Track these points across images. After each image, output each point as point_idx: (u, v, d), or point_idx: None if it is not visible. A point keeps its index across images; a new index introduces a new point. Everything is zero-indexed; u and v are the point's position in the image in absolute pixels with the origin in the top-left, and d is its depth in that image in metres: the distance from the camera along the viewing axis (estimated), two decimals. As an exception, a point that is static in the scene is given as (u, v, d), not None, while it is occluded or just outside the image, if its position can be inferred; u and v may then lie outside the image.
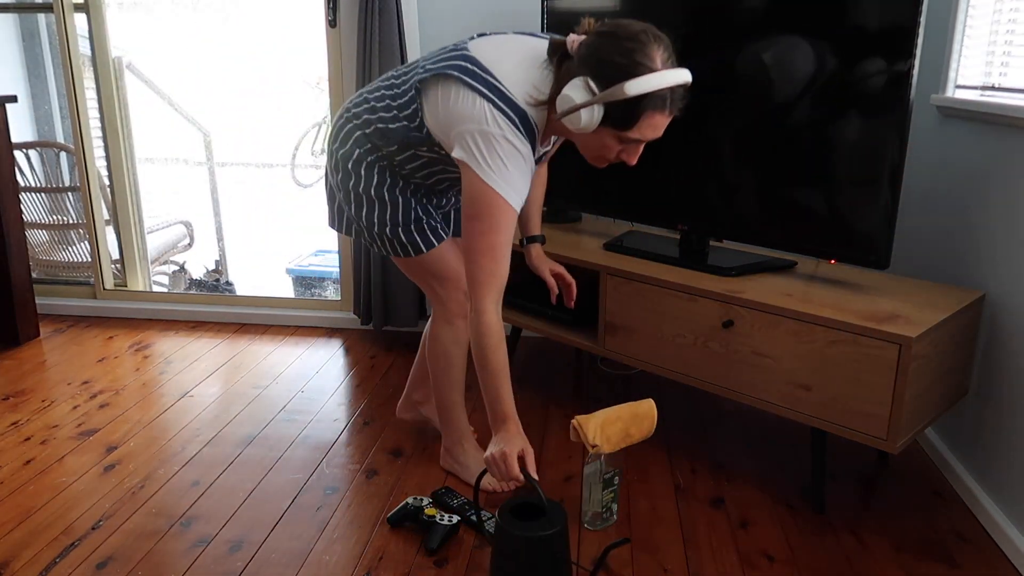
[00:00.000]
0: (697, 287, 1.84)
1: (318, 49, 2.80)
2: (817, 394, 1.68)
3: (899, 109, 1.62)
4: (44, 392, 2.41)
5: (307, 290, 4.06)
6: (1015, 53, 1.76)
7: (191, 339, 2.87)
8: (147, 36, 5.01)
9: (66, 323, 3.03)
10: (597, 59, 1.34)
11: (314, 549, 1.65)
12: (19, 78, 3.72)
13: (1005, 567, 1.59)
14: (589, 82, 1.33)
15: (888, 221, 1.69)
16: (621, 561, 1.61)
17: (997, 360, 1.74)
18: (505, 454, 1.45)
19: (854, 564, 1.59)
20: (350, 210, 1.72)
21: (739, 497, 1.84)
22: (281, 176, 5.89)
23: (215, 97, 5.44)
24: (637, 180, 2.14)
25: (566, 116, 1.38)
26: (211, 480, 1.91)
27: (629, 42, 1.32)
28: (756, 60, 1.83)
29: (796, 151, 1.81)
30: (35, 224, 3.23)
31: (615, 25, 1.36)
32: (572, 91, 1.35)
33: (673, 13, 1.96)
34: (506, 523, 1.38)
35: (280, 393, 2.41)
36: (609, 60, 1.32)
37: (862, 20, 1.65)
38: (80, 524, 1.72)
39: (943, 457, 1.95)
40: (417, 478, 1.92)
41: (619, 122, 1.36)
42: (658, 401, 2.36)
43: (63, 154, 3.17)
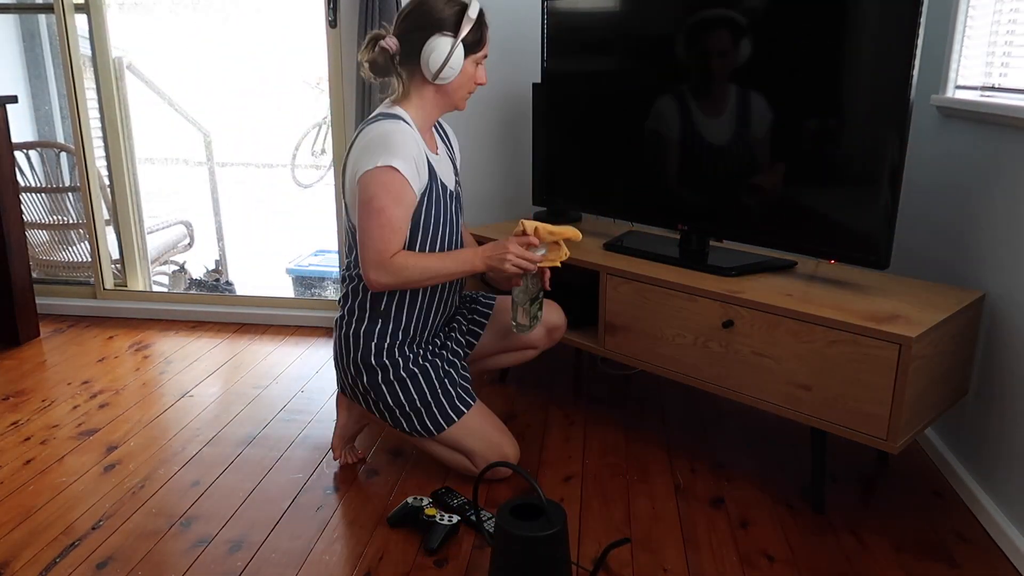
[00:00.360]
0: (697, 287, 1.84)
1: (318, 49, 2.80)
2: (817, 394, 1.68)
3: (899, 109, 1.62)
4: (44, 392, 2.41)
5: (307, 290, 4.05)
6: (1015, 53, 1.76)
7: (191, 339, 2.87)
8: (147, 36, 5.01)
9: (66, 323, 3.03)
10: (433, 19, 1.65)
11: (314, 549, 1.65)
12: (19, 78, 3.72)
13: (1005, 567, 1.59)
14: (442, 34, 1.64)
15: (888, 221, 1.69)
16: (621, 561, 1.61)
17: (997, 360, 1.74)
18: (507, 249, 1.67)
19: (854, 564, 1.59)
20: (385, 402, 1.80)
21: (739, 497, 1.84)
22: (281, 176, 5.89)
23: (215, 97, 5.44)
24: (637, 180, 2.14)
25: (441, 70, 1.66)
26: (211, 480, 1.91)
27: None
28: (756, 60, 1.83)
29: (796, 151, 1.81)
30: (35, 224, 3.23)
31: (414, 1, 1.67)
32: (435, 46, 1.64)
33: (673, 13, 1.96)
34: (506, 523, 1.38)
35: (280, 393, 2.41)
36: (442, 12, 1.65)
37: (862, 20, 1.65)
38: (80, 524, 1.72)
39: (943, 457, 1.95)
40: (417, 478, 1.92)
41: (475, 46, 1.70)
42: (658, 401, 2.36)
43: (63, 154, 3.17)
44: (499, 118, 2.73)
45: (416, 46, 1.66)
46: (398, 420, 1.80)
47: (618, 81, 2.12)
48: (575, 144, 2.28)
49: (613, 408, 2.31)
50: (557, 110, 2.29)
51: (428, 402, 1.78)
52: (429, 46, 1.65)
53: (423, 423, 1.79)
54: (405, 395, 1.77)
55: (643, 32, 2.04)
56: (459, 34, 1.65)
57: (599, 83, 2.17)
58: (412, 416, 1.78)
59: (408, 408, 1.78)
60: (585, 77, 2.20)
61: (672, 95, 2.01)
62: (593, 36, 2.15)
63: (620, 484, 1.89)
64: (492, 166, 2.79)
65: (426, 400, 1.78)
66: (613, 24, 2.09)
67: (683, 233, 2.10)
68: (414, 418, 1.79)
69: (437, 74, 1.67)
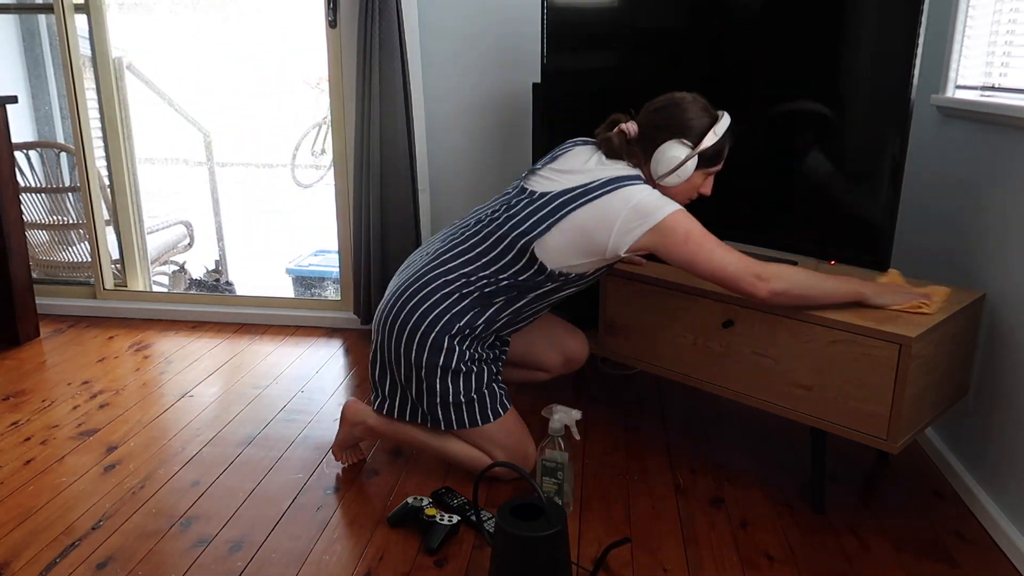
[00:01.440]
0: (697, 287, 1.84)
1: (318, 49, 2.81)
2: (817, 394, 1.68)
3: (899, 109, 1.62)
4: (44, 392, 2.41)
5: (307, 290, 4.06)
6: (1015, 53, 1.76)
7: (191, 339, 2.87)
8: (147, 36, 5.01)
9: (66, 323, 3.03)
10: (680, 124, 1.67)
11: (314, 549, 1.65)
12: (19, 78, 3.72)
13: (1005, 567, 1.59)
14: (682, 141, 1.67)
15: (888, 221, 1.69)
16: (621, 561, 1.61)
17: (997, 360, 1.74)
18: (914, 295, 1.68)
19: (854, 564, 1.59)
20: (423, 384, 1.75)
21: (739, 497, 1.84)
22: (281, 176, 5.89)
23: (215, 97, 5.44)
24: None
25: (667, 175, 1.69)
26: (211, 480, 1.91)
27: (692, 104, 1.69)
28: (756, 60, 1.83)
29: (796, 151, 1.81)
30: (35, 224, 3.23)
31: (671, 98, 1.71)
32: (670, 151, 1.67)
33: (673, 12, 1.96)
34: (506, 523, 1.38)
35: (280, 393, 2.41)
36: (691, 120, 1.67)
37: (863, 20, 1.65)
38: (80, 524, 1.73)
39: (943, 457, 1.95)
40: (417, 478, 1.92)
41: (710, 162, 1.71)
42: (658, 401, 2.36)
43: (63, 154, 3.17)
44: (499, 118, 2.73)
45: (654, 142, 1.69)
46: (435, 409, 1.76)
47: (618, 77, 2.12)
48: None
49: (613, 408, 2.31)
50: (557, 107, 2.29)
51: (472, 398, 1.76)
52: (665, 148, 1.67)
53: (460, 417, 1.76)
54: (455, 385, 1.74)
55: (643, 28, 2.04)
56: (698, 146, 1.67)
57: (599, 80, 2.17)
58: (452, 407, 1.75)
59: (452, 398, 1.75)
60: (585, 74, 2.20)
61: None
62: (593, 32, 2.15)
63: (620, 484, 1.89)
64: (491, 166, 2.79)
65: (471, 396, 1.76)
66: (614, 20, 2.09)
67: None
68: (453, 410, 1.76)
69: (663, 177, 1.69)
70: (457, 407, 1.76)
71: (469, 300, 1.72)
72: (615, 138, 1.71)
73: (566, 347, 2.04)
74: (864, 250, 1.74)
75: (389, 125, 2.59)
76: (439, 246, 1.79)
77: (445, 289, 1.73)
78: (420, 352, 1.72)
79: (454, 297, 1.72)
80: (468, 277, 1.73)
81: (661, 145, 1.68)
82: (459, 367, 1.73)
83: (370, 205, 2.66)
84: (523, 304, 1.76)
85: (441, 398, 1.75)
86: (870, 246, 1.72)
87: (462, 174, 2.81)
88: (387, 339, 1.77)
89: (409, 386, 1.78)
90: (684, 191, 1.74)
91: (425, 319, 1.72)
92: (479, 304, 1.73)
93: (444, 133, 2.77)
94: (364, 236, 2.71)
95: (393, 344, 1.76)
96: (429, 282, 1.74)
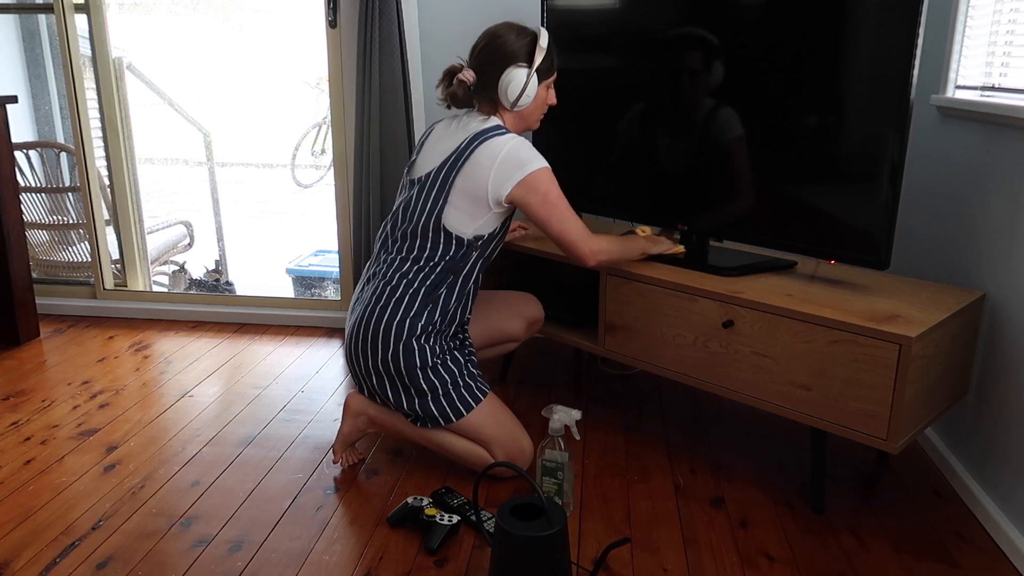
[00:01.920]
0: (697, 287, 1.84)
1: (318, 49, 2.80)
2: (817, 394, 1.68)
3: (899, 109, 1.62)
4: (44, 392, 2.41)
5: (307, 290, 4.06)
6: (1015, 53, 1.76)
7: (191, 339, 2.87)
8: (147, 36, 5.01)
9: (66, 323, 3.03)
10: (508, 52, 1.79)
11: (314, 549, 1.65)
12: (19, 78, 3.72)
13: (1005, 567, 1.59)
14: (517, 65, 1.79)
15: (888, 221, 1.69)
16: (621, 561, 1.61)
17: (997, 360, 1.74)
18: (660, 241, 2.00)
19: (854, 564, 1.60)
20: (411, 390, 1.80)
21: (739, 497, 1.84)
22: (281, 176, 5.89)
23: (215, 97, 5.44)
24: (637, 180, 2.14)
25: (519, 99, 1.81)
26: (211, 480, 1.91)
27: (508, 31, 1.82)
28: (757, 60, 1.83)
29: (796, 151, 1.81)
30: (35, 224, 3.23)
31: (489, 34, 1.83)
32: (511, 78, 1.79)
33: (672, 12, 1.96)
34: (506, 523, 1.38)
35: (280, 393, 2.41)
36: (515, 45, 1.80)
37: (863, 20, 1.65)
38: (80, 524, 1.73)
39: (943, 457, 1.95)
40: (417, 478, 1.92)
41: (547, 74, 1.85)
42: (658, 401, 2.36)
43: (63, 154, 3.17)
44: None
45: (493, 78, 1.80)
46: (428, 407, 1.79)
47: (618, 79, 2.12)
48: (574, 143, 2.28)
49: (613, 408, 2.31)
50: (556, 108, 2.29)
51: (451, 389, 1.80)
52: (506, 78, 1.79)
53: (445, 411, 1.79)
54: (439, 380, 1.79)
55: (643, 30, 2.04)
56: (533, 64, 1.80)
57: (599, 81, 2.17)
58: (441, 402, 1.79)
59: (440, 393, 1.79)
60: (585, 75, 2.20)
61: (672, 93, 2.01)
62: (593, 34, 2.15)
63: (620, 484, 1.89)
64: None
65: (455, 384, 1.80)
66: (613, 21, 2.09)
67: (683, 233, 2.10)
68: (442, 403, 1.79)
69: (515, 103, 1.81)
70: (447, 397, 1.79)
71: (419, 300, 1.79)
72: (458, 89, 1.82)
73: (524, 312, 2.13)
74: (864, 250, 1.74)
75: (389, 125, 2.59)
76: (375, 269, 1.88)
77: (395, 296, 1.79)
78: (397, 361, 1.77)
79: (405, 302, 1.79)
80: (407, 277, 1.81)
81: (501, 76, 1.79)
82: (434, 361, 1.79)
83: (370, 205, 2.66)
84: (462, 283, 1.84)
85: (431, 394, 1.79)
86: (870, 246, 1.72)
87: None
88: (365, 364, 1.82)
89: (398, 395, 1.81)
90: (536, 108, 1.88)
91: (391, 332, 1.77)
92: (429, 301, 1.80)
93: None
94: (364, 236, 2.71)
95: (371, 366, 1.81)
96: (380, 298, 1.80)
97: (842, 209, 1.76)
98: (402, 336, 1.77)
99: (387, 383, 1.81)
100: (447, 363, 1.81)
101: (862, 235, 1.73)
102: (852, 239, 1.75)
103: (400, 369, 1.77)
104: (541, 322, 2.18)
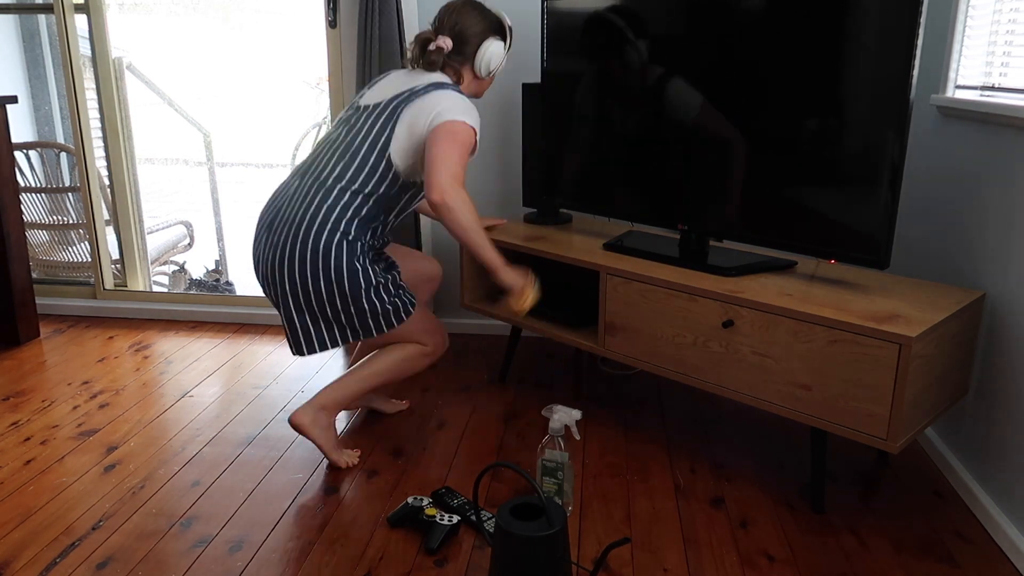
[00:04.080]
0: (697, 287, 1.84)
1: (318, 49, 2.80)
2: (817, 394, 1.68)
3: (899, 109, 1.62)
4: (44, 392, 2.41)
5: (307, 290, 4.05)
6: (1015, 53, 1.76)
7: (191, 339, 2.87)
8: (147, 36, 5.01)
9: (66, 323, 3.03)
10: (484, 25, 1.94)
11: (314, 549, 1.65)
12: (19, 78, 3.72)
13: (1005, 567, 1.59)
14: (495, 37, 1.96)
15: (888, 221, 1.69)
16: (621, 561, 1.61)
17: (997, 360, 1.74)
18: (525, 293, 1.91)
19: (854, 564, 1.60)
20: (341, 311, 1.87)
21: (739, 497, 1.84)
22: (281, 176, 5.89)
23: (215, 97, 5.44)
24: (637, 180, 2.14)
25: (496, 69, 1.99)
26: (211, 480, 1.91)
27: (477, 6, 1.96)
28: (756, 59, 1.83)
29: (796, 151, 1.81)
30: (35, 224, 3.23)
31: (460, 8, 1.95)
32: (491, 48, 1.95)
33: (672, 11, 1.96)
34: (506, 523, 1.38)
35: (280, 393, 2.41)
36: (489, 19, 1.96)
37: (863, 20, 1.65)
38: (80, 524, 1.73)
39: (943, 457, 1.95)
40: (417, 478, 1.92)
41: (509, 44, 2.02)
42: (658, 401, 2.36)
43: (63, 154, 3.17)
44: (495, 117, 2.73)
45: (472, 47, 1.94)
46: (366, 321, 1.88)
47: (617, 80, 2.12)
48: (574, 144, 2.28)
49: (613, 408, 2.31)
50: (556, 110, 2.29)
51: (394, 302, 1.91)
52: (486, 47, 1.94)
53: (389, 319, 1.91)
54: (379, 297, 1.88)
55: (642, 31, 2.03)
56: (507, 37, 1.98)
57: (598, 82, 2.17)
58: (380, 316, 1.89)
59: (379, 308, 1.88)
60: (584, 76, 2.20)
61: (672, 94, 2.01)
62: (594, 34, 2.15)
63: (620, 484, 1.89)
64: (483, 167, 2.79)
65: (393, 300, 1.91)
66: (612, 23, 2.09)
67: (683, 233, 2.10)
68: (382, 319, 1.89)
69: (493, 71, 1.99)
70: (384, 315, 1.89)
71: (356, 223, 1.85)
72: (434, 55, 1.92)
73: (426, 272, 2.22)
74: (864, 250, 1.74)
75: (389, 125, 2.59)
76: (300, 183, 1.91)
77: (331, 216, 1.83)
78: (341, 281, 1.83)
79: (343, 224, 1.84)
80: (341, 201, 1.85)
81: (481, 45, 1.94)
82: (377, 281, 1.87)
83: (370, 205, 2.66)
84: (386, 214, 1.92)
85: (371, 312, 1.87)
86: (870, 246, 1.72)
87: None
88: (299, 281, 1.84)
89: (336, 314, 1.87)
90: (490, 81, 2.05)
91: (330, 251, 1.82)
92: (362, 226, 1.87)
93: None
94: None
95: (311, 283, 1.83)
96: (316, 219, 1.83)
97: (842, 208, 1.76)
98: (342, 259, 1.83)
99: (326, 300, 1.85)
100: (387, 281, 1.90)
101: (862, 234, 1.73)
102: (852, 238, 1.75)
103: (345, 290, 1.83)
104: (439, 279, 2.25)
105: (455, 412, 2.28)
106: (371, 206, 1.86)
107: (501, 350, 2.76)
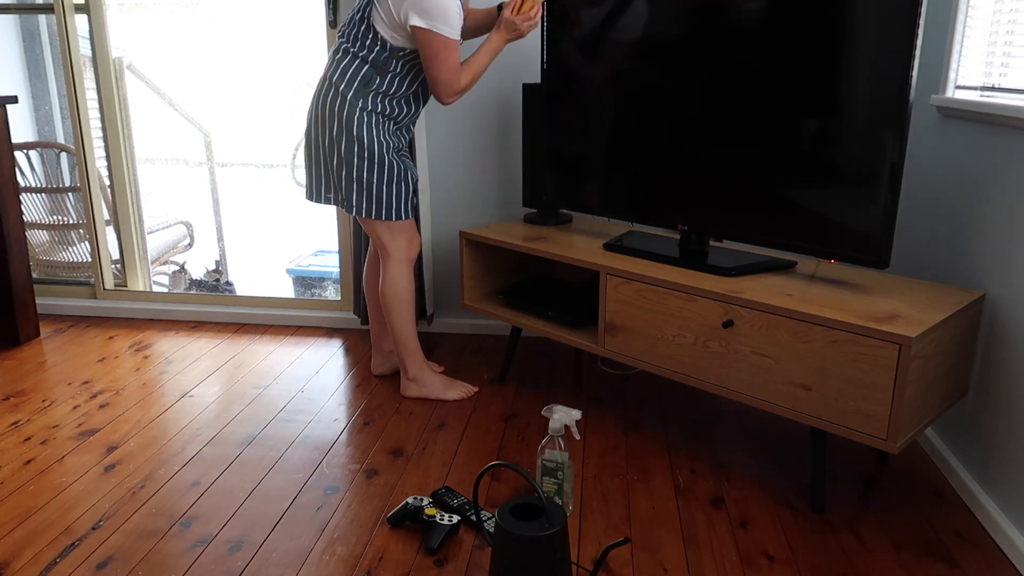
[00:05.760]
0: (697, 287, 1.84)
1: (318, 49, 2.80)
2: (817, 394, 1.68)
3: (899, 109, 1.62)
4: (44, 392, 2.41)
5: (307, 290, 4.06)
6: (1015, 53, 1.76)
7: (191, 339, 2.87)
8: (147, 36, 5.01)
9: (66, 323, 3.03)
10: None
11: (314, 549, 1.65)
12: (19, 78, 3.72)
13: (1005, 567, 1.59)
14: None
15: (888, 221, 1.69)
16: (621, 561, 1.61)
17: (997, 360, 1.74)
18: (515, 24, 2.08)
19: (854, 564, 1.60)
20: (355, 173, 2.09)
21: (739, 497, 1.84)
22: (281, 176, 5.88)
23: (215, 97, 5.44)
24: (637, 180, 2.14)
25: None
26: (211, 480, 1.91)
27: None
28: (756, 60, 1.83)
29: (796, 151, 1.81)
30: (35, 224, 3.23)
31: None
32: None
33: (672, 11, 1.96)
34: (506, 523, 1.38)
35: (280, 393, 2.41)
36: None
37: (862, 20, 1.65)
38: (80, 524, 1.73)
39: (943, 457, 1.95)
40: (417, 478, 1.92)
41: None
42: (658, 401, 2.36)
43: (63, 154, 3.17)
44: (489, 119, 2.73)
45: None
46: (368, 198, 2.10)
47: (617, 80, 2.12)
48: (574, 144, 2.28)
49: (613, 408, 2.31)
50: (556, 109, 2.29)
51: (393, 195, 2.11)
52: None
53: (380, 208, 2.12)
54: (378, 177, 2.09)
55: (643, 31, 2.03)
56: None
57: (598, 81, 2.17)
58: (375, 199, 2.11)
59: (377, 190, 2.09)
60: (584, 75, 2.20)
61: (671, 94, 2.01)
62: (594, 34, 2.15)
63: (620, 484, 1.89)
64: (482, 167, 2.79)
65: (395, 193, 2.11)
66: (612, 23, 2.09)
67: (683, 233, 2.10)
68: (375, 202, 2.11)
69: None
70: (379, 200, 2.10)
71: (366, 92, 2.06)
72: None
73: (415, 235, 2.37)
74: (864, 250, 1.74)
75: (389, 125, 2.59)
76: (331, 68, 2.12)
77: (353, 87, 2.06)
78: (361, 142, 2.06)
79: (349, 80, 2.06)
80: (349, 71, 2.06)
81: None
82: (391, 160, 2.09)
83: (370, 205, 2.66)
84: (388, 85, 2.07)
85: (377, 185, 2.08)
86: (870, 246, 1.72)
87: (461, 172, 2.81)
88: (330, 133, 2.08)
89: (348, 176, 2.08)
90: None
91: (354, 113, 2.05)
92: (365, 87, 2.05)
93: (442, 132, 2.77)
94: (364, 236, 2.71)
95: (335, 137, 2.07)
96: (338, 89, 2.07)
97: (842, 208, 1.76)
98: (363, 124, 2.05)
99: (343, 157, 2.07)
100: (396, 167, 2.09)
101: (862, 234, 1.73)
102: (852, 238, 1.75)
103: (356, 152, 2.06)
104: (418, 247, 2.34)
105: (455, 412, 2.28)
106: (367, 71, 2.05)
107: (501, 350, 2.76)
